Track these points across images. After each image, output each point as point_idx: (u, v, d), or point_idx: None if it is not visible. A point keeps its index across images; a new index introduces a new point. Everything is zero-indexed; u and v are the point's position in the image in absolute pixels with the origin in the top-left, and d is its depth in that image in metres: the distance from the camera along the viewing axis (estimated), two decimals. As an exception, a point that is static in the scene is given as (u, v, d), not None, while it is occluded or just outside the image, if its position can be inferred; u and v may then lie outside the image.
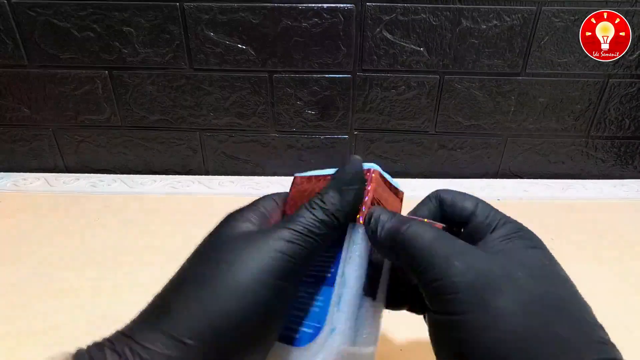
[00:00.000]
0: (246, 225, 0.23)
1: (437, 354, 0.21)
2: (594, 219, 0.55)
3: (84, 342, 0.20)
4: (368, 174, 0.26)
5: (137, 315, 0.20)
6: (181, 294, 0.20)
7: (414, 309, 0.26)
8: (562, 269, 0.21)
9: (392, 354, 0.34)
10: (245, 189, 0.62)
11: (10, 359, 0.34)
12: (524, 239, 0.22)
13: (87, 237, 0.50)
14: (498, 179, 0.65)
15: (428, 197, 0.27)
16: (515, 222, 0.23)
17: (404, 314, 0.29)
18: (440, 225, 0.24)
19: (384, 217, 0.23)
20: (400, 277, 0.26)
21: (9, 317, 0.38)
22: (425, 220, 0.24)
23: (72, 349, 0.19)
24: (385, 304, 0.26)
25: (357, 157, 0.25)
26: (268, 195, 0.27)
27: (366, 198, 0.25)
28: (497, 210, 0.24)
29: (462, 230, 0.25)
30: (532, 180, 0.65)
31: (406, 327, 0.37)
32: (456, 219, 0.25)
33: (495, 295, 0.18)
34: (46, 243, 0.49)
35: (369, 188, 0.25)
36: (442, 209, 0.26)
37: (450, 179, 0.65)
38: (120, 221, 0.53)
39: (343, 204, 0.23)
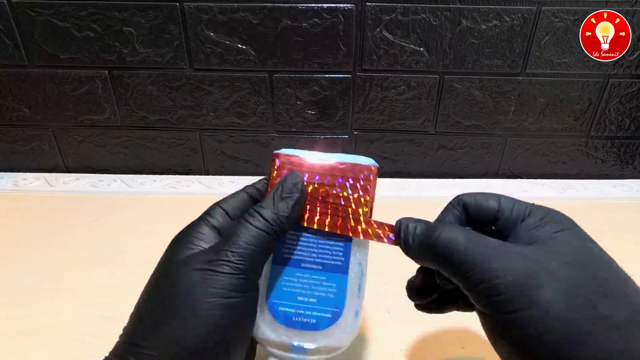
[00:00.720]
0: (191, 251, 0.23)
1: (497, 350, 0.22)
2: (594, 219, 0.55)
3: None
4: (366, 169, 0.27)
5: (112, 350, 0.21)
6: (147, 322, 0.22)
7: (463, 307, 0.27)
8: (595, 246, 0.22)
9: (392, 353, 0.34)
10: (245, 189, 0.62)
11: (11, 358, 0.34)
12: (553, 223, 0.22)
13: (87, 237, 0.50)
14: (498, 179, 0.65)
15: (451, 204, 0.27)
16: (541, 207, 0.24)
17: (403, 315, 0.29)
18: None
19: (412, 226, 0.24)
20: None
21: (9, 317, 0.38)
22: None
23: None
24: (430, 307, 0.28)
25: (297, 172, 0.26)
26: (215, 205, 0.27)
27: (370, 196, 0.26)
28: (520, 200, 0.25)
29: (493, 227, 0.25)
30: (532, 180, 0.65)
31: (406, 327, 0.37)
32: (484, 219, 0.25)
33: (537, 290, 0.19)
34: (46, 243, 0.49)
35: (368, 185, 0.27)
36: (467, 213, 0.26)
37: (450, 179, 0.65)
38: (120, 221, 0.53)
39: (284, 213, 0.24)
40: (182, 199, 0.59)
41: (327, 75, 0.58)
